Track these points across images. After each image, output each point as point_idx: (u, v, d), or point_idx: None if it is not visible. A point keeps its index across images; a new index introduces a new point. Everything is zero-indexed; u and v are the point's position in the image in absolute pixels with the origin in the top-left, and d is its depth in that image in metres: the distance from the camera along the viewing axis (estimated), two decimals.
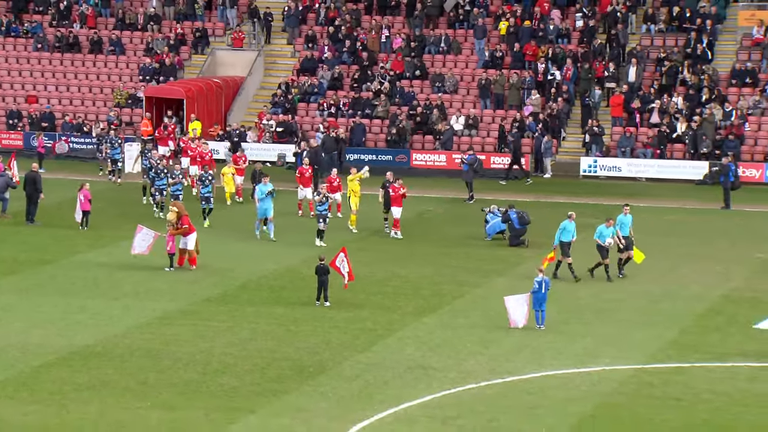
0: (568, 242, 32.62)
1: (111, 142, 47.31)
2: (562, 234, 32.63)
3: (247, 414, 22.86)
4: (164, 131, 50.30)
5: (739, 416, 22.78)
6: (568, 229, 32.68)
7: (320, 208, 36.22)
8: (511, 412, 22.92)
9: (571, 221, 32.79)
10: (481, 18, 56.50)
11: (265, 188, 36.95)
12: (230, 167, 43.29)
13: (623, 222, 33.60)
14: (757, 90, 51.60)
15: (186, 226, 33.32)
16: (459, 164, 47.93)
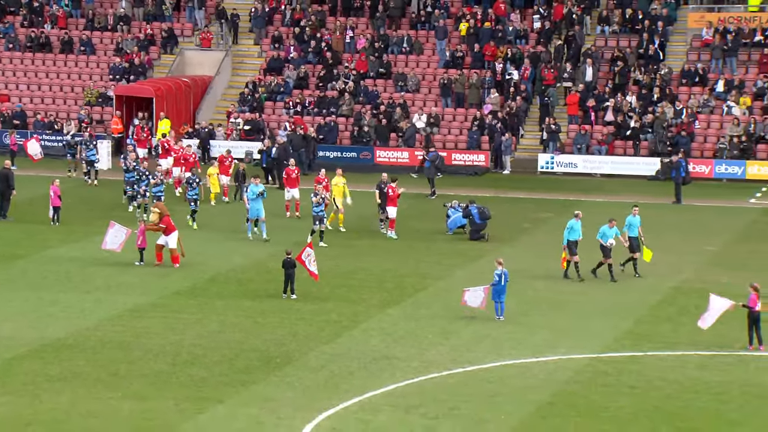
0: (575, 241, 31.88)
1: (86, 143, 46.30)
2: (569, 233, 31.89)
3: (215, 404, 22.80)
4: (142, 133, 49.28)
5: (690, 403, 22.96)
6: (575, 228, 31.95)
7: (316, 209, 35.40)
8: (472, 400, 22.98)
9: (577, 220, 32.11)
10: (442, 19, 56.60)
11: (256, 189, 36.20)
12: (215, 167, 42.48)
13: (632, 223, 32.83)
14: (706, 89, 51.96)
15: (163, 225, 32.92)
16: (421, 161, 48.02)
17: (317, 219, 35.53)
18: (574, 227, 32.09)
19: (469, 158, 51.09)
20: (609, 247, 32.15)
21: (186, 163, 43.13)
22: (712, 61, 52.88)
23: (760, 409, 22.59)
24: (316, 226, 35.59)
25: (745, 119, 50.02)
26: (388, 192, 37.24)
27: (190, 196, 38.61)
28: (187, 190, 39.10)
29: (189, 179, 39.25)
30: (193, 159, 43.72)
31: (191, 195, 38.52)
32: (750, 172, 48.31)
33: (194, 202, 38.40)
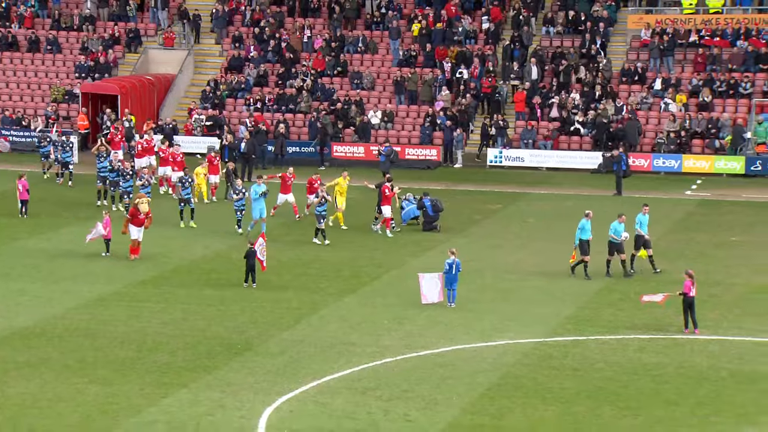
0: (587, 240, 30.99)
1: (63, 145, 44.57)
2: (581, 233, 30.99)
3: (179, 388, 22.71)
4: (116, 133, 47.18)
5: (629, 383, 23.17)
6: (586, 228, 31.04)
7: (319, 208, 34.70)
8: (425, 383, 23.06)
9: (588, 220, 31.16)
10: (396, 20, 56.65)
11: (259, 189, 35.35)
12: (203, 167, 41.42)
13: (641, 221, 31.84)
14: (645, 87, 52.38)
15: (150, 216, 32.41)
16: (376, 155, 48.04)
17: (320, 218, 34.71)
18: (586, 227, 31.02)
19: (421, 153, 51.17)
20: (623, 241, 30.95)
21: (174, 162, 41.91)
22: (650, 60, 53.31)
23: (694, 389, 22.85)
24: (321, 224, 34.77)
25: (681, 115, 50.48)
26: (384, 191, 36.45)
27: (182, 195, 37.37)
28: (180, 189, 37.84)
29: (181, 179, 38.08)
30: (181, 158, 42.33)
31: (184, 194, 37.30)
32: (686, 166, 48.75)
33: (186, 201, 37.10)
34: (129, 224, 32.84)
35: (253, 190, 35.71)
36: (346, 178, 37.68)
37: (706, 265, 31.40)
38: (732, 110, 50.74)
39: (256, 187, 35.66)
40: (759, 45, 52.37)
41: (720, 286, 30.28)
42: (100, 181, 40.00)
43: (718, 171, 48.26)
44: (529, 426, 20.87)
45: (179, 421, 21.09)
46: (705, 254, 34.00)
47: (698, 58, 52.64)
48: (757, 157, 48.29)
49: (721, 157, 48.68)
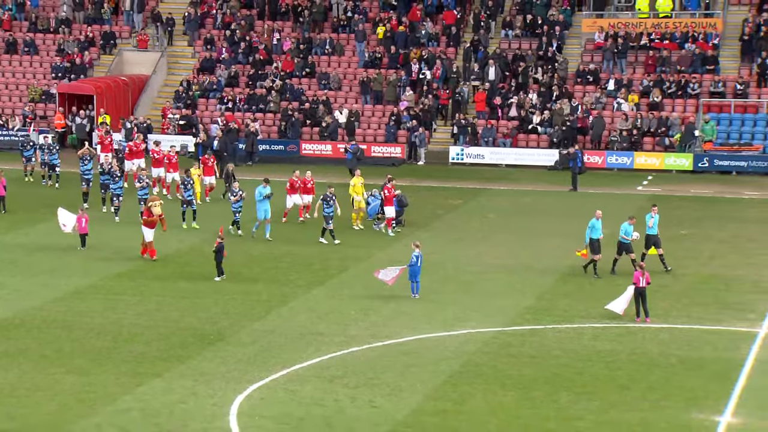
0: (597, 239, 30.30)
1: (49, 148, 43.46)
2: (591, 232, 30.27)
3: (153, 377, 22.58)
4: (106, 137, 46.10)
5: (584, 370, 23.28)
6: (597, 227, 30.34)
7: (327, 210, 34.04)
8: (390, 371, 23.06)
9: (598, 219, 30.48)
10: (362, 23, 56.62)
11: (264, 191, 34.43)
12: (197, 168, 40.16)
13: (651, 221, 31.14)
14: (599, 87, 52.66)
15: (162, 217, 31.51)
16: (343, 153, 48.00)
17: (329, 218, 34.04)
18: (596, 226, 30.33)
19: (386, 150, 51.19)
20: (631, 241, 30.27)
21: (169, 164, 40.91)
22: (604, 62, 53.59)
23: (646, 374, 22.99)
24: (329, 225, 34.13)
25: (633, 115, 50.80)
26: (384, 192, 35.78)
27: (185, 196, 36.34)
28: (182, 191, 36.51)
29: (183, 180, 36.90)
30: (176, 159, 41.42)
31: (186, 196, 36.30)
32: (638, 162, 49.08)
33: (188, 203, 36.18)
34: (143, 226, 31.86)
35: (257, 192, 34.62)
36: (359, 177, 36.68)
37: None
38: (681, 110, 51.12)
39: (261, 189, 34.55)
40: (705, 48, 52.78)
41: (670, 277, 30.48)
42: (84, 183, 39.00)
43: (667, 167, 48.61)
44: (489, 411, 20.92)
45: (153, 408, 20.97)
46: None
47: (649, 60, 52.99)
48: (705, 154, 48.70)
49: (670, 154, 49.04)
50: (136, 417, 20.59)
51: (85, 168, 39.29)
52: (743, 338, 25.32)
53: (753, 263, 32.43)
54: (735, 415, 20.69)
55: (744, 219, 39.06)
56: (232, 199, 35.34)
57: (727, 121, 50.25)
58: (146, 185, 37.06)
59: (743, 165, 48.09)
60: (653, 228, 31.10)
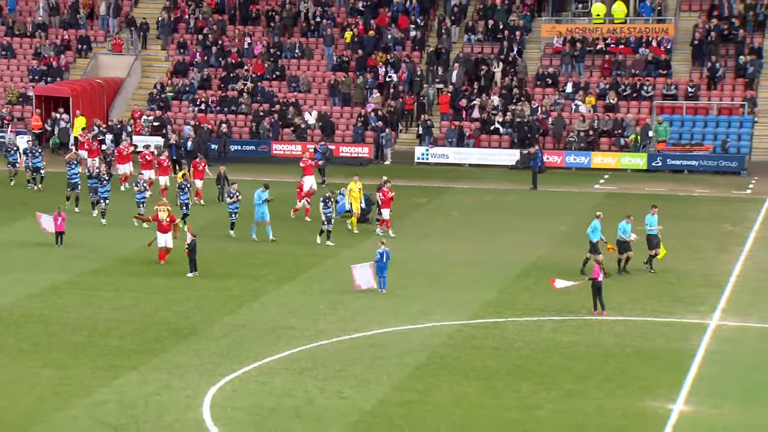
0: (598, 240, 29.64)
1: (32, 152, 42.52)
2: (593, 233, 29.74)
3: (129, 370, 22.44)
4: (92, 143, 45.02)
5: (544, 361, 23.38)
6: (598, 228, 29.76)
7: (326, 210, 33.51)
8: (358, 363, 23.06)
9: (599, 220, 30.00)
10: (330, 28, 56.55)
11: (263, 195, 33.83)
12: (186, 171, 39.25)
13: (651, 222, 30.59)
14: (557, 90, 52.91)
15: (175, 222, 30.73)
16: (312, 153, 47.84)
17: (327, 219, 33.46)
18: (597, 227, 29.75)
19: (354, 150, 51.17)
20: (631, 241, 29.90)
21: (161, 168, 40.13)
22: (562, 65, 53.85)
23: (602, 365, 23.13)
24: (325, 225, 33.57)
25: (590, 116, 51.08)
26: (380, 194, 35.13)
27: (182, 200, 35.68)
28: (179, 195, 35.78)
29: (181, 184, 36.22)
30: (167, 163, 40.67)
31: (183, 199, 35.63)
32: (595, 162, 49.34)
33: (185, 206, 35.57)
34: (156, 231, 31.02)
35: (257, 195, 34.01)
36: (357, 183, 36.08)
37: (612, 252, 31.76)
38: (635, 111, 51.48)
39: (260, 193, 33.95)
40: (658, 52, 53.19)
41: (625, 271, 30.66)
42: (70, 187, 38.01)
43: (623, 167, 48.92)
44: (453, 401, 20.97)
45: (129, 400, 20.85)
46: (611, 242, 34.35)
47: (605, 63, 53.30)
48: (658, 153, 49.07)
49: (626, 153, 49.35)
50: (112, 409, 20.46)
51: (72, 172, 38.15)
52: (694, 330, 25.53)
53: (703, 258, 32.72)
54: (686, 402, 20.86)
55: (695, 216, 39.38)
56: (228, 201, 34.59)
57: (679, 122, 50.65)
58: (144, 189, 36.32)
59: (694, 164, 48.49)
60: (653, 229, 30.37)
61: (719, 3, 54.22)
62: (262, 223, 33.99)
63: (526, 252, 33.40)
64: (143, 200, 36.12)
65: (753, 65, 51.82)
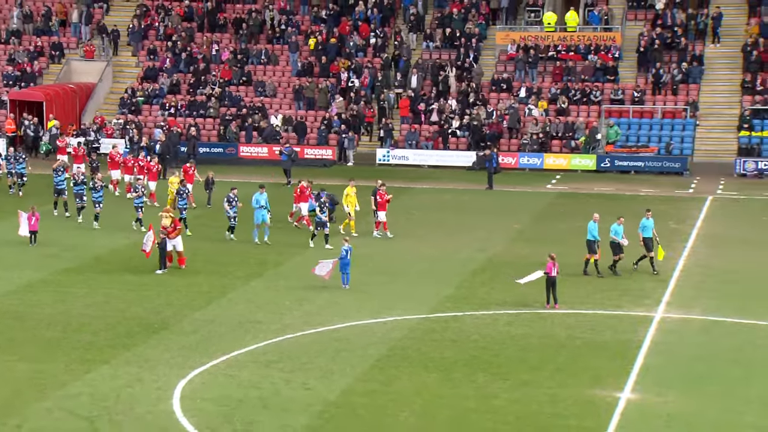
0: (593, 241, 29.31)
1: (16, 158, 41.54)
2: (588, 234, 29.38)
3: (101, 364, 22.24)
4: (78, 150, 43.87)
5: (500, 352, 23.48)
6: (594, 229, 29.33)
7: (320, 215, 32.73)
8: (322, 356, 23.02)
9: (595, 222, 29.49)
10: (294, 35, 56.46)
11: (261, 198, 33.24)
12: (177, 176, 37.85)
13: (646, 225, 30.02)
14: (511, 95, 53.17)
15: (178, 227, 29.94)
16: (278, 155, 47.76)
17: (319, 224, 32.75)
18: (594, 229, 29.39)
19: (318, 152, 51.11)
20: (622, 243, 29.35)
21: (150, 172, 39.30)
22: (516, 71, 54.12)
23: (554, 356, 23.26)
24: (317, 230, 32.76)
25: (543, 119, 51.39)
26: (377, 197, 34.50)
27: (180, 205, 34.98)
28: (177, 200, 35.01)
29: (179, 190, 35.43)
30: (156, 168, 39.85)
31: (181, 204, 34.93)
32: (547, 163, 49.65)
33: (183, 211, 34.75)
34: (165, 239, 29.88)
35: (254, 199, 33.47)
36: (353, 187, 35.39)
37: (564, 248, 31.98)
38: (585, 115, 51.86)
39: (258, 196, 33.43)
40: (606, 59, 53.63)
41: (576, 267, 30.86)
42: (57, 193, 37.14)
43: (574, 167, 49.26)
44: (414, 391, 21.00)
45: (101, 393, 20.66)
46: (563, 239, 34.62)
47: (556, 70, 53.65)
48: (606, 155, 49.47)
49: (576, 155, 49.70)
50: (85, 401, 20.26)
51: (58, 179, 37.21)
52: (641, 322, 25.76)
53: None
54: (633, 391, 21.04)
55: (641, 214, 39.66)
56: (227, 207, 33.61)
57: (626, 125, 51.10)
58: (142, 194, 35.55)
59: (640, 165, 48.93)
60: (647, 231, 29.81)
61: (663, 13, 54.77)
62: (262, 225, 33.43)
63: (482, 249, 33.51)
64: (141, 204, 35.07)
65: (694, 72, 52.41)
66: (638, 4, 55.74)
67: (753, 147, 49.08)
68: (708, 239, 34.61)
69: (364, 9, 56.98)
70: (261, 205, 33.28)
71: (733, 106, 51.63)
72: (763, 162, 47.92)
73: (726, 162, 48.96)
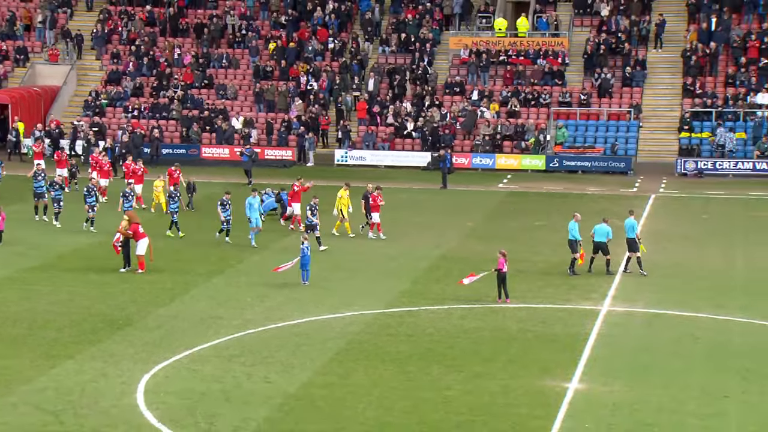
0: (575, 240, 29.16)
1: None
2: (570, 234, 29.15)
3: (66, 360, 21.98)
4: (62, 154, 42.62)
5: (453, 345, 23.57)
6: (575, 229, 29.12)
7: (311, 218, 32.32)
8: (283, 350, 22.95)
9: (576, 221, 29.29)
10: (255, 40, 56.21)
11: (253, 201, 32.87)
12: (161, 180, 37.48)
13: (630, 225, 29.55)
14: (464, 97, 53.36)
15: (130, 232, 29.19)
16: (239, 155, 47.50)
17: (310, 227, 32.25)
18: (573, 228, 29.21)
19: (279, 153, 50.92)
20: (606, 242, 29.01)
21: (135, 176, 38.52)
22: (469, 75, 54.33)
23: (506, 348, 23.39)
24: (308, 233, 31.43)
25: (494, 121, 51.64)
26: (372, 200, 34.15)
27: (171, 209, 34.37)
28: (169, 204, 34.44)
29: (171, 193, 34.85)
30: (141, 172, 38.95)
31: (172, 208, 34.28)
32: (499, 163, 49.90)
33: (175, 214, 34.14)
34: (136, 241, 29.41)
35: (247, 203, 33.09)
36: (346, 190, 34.80)
37: (515, 245, 32.18)
38: (534, 117, 52.21)
39: (251, 199, 33.04)
40: (555, 63, 54.03)
41: (526, 263, 31.05)
42: (36, 197, 36.21)
43: (524, 167, 49.57)
44: (371, 383, 21.01)
45: (66, 387, 20.42)
46: (514, 236, 34.86)
47: (507, 73, 53.94)
48: (555, 155, 49.84)
49: (526, 155, 50.02)
50: (50, 396, 20.02)
51: (38, 184, 36.34)
52: (588, 315, 25.99)
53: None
54: (581, 381, 21.22)
55: (588, 212, 39.98)
56: (220, 210, 33.06)
57: (573, 127, 51.53)
58: (131, 198, 34.88)
59: (587, 165, 49.37)
60: (631, 232, 29.43)
61: (607, 19, 55.30)
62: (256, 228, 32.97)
63: (436, 246, 33.59)
64: (130, 209, 34.24)
65: (638, 76, 53.01)
66: (584, 11, 56.23)
67: (693, 148, 49.75)
68: (651, 236, 35.00)
69: (322, 15, 56.89)
70: (254, 207, 32.88)
71: (674, 108, 52.27)
72: (703, 162, 48.59)
73: (668, 162, 49.55)
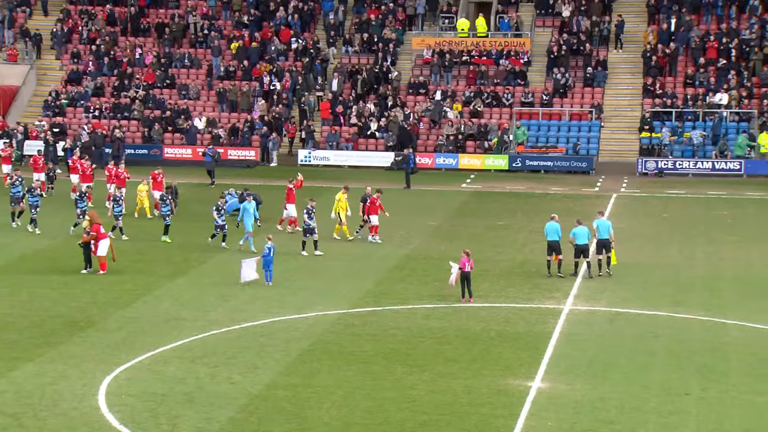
0: (555, 241, 28.80)
1: None
2: (547, 234, 28.90)
3: (26, 362, 21.70)
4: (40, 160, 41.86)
5: (417, 344, 23.58)
6: (551, 229, 28.91)
7: (309, 221, 31.82)
8: (247, 351, 22.84)
9: (554, 222, 29.04)
10: (217, 40, 55.92)
11: (249, 206, 32.52)
12: (145, 184, 37.16)
13: (605, 226, 29.32)
14: (428, 97, 53.48)
15: (93, 232, 28.76)
16: (201, 155, 47.23)
17: (308, 231, 31.86)
18: (549, 229, 28.95)
19: (242, 153, 50.70)
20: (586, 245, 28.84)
21: (118, 180, 37.90)
22: (432, 75, 54.45)
23: (469, 348, 23.45)
24: (306, 237, 31.84)
25: (458, 121, 51.81)
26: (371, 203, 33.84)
27: (163, 212, 33.79)
28: (161, 206, 34.13)
29: (162, 196, 34.48)
30: (125, 176, 38.37)
31: (164, 211, 33.75)
32: (462, 163, 50.08)
33: (167, 217, 33.71)
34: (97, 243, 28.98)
35: (243, 207, 32.79)
36: (345, 193, 34.49)
37: (478, 245, 32.27)
38: (497, 117, 52.45)
39: (247, 204, 32.66)
40: (517, 63, 54.32)
41: (489, 262, 31.16)
42: (14, 202, 35.47)
43: (487, 167, 49.78)
44: (335, 383, 20.97)
45: (26, 390, 20.16)
46: (477, 236, 34.97)
47: (470, 74, 54.15)
48: (518, 155, 50.11)
49: (489, 155, 50.24)
50: (9, 398, 19.75)
51: (15, 190, 35.63)
52: (550, 314, 26.13)
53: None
54: (544, 380, 21.32)
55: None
56: (216, 216, 32.51)
57: (536, 127, 51.83)
58: (121, 204, 34.40)
59: (550, 165, 49.70)
60: (603, 233, 29.15)
61: (569, 20, 55.70)
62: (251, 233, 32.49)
63: (400, 246, 33.62)
64: (120, 214, 34.04)
65: (599, 76, 53.45)
66: (546, 11, 56.59)
67: (654, 147, 50.26)
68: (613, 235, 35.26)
69: (284, 14, 56.71)
70: (249, 212, 32.57)
71: (635, 108, 52.77)
72: (663, 162, 49.10)
73: (629, 162, 50.02)
